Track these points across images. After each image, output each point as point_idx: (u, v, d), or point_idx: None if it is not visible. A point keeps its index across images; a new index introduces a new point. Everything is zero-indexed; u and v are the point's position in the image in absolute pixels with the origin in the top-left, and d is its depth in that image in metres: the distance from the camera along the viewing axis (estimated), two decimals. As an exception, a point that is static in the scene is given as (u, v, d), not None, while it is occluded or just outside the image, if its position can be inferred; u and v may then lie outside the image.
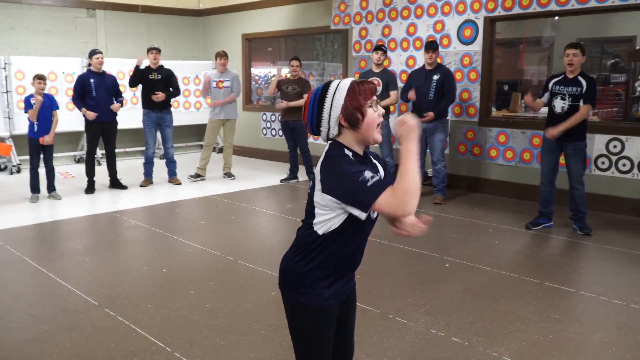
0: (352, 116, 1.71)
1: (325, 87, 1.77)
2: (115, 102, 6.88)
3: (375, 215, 1.77)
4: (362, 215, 1.63)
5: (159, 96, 7.06)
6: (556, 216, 5.45)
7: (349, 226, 1.73)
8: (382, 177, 1.81)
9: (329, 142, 1.78)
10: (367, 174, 1.60)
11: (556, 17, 7.52)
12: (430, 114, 6.27)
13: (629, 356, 2.94)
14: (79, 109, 6.74)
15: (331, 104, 1.73)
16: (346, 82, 1.75)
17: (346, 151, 1.73)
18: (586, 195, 5.25)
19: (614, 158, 5.98)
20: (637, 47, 7.90)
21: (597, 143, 5.99)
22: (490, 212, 6.11)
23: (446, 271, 4.25)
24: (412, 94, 6.42)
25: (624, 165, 5.91)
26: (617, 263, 4.46)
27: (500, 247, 4.90)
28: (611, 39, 8.27)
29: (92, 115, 6.65)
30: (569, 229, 5.32)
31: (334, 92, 1.73)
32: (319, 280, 1.79)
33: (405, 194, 1.56)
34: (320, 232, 1.75)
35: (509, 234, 5.28)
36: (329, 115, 1.73)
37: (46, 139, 6.24)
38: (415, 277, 4.13)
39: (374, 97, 1.75)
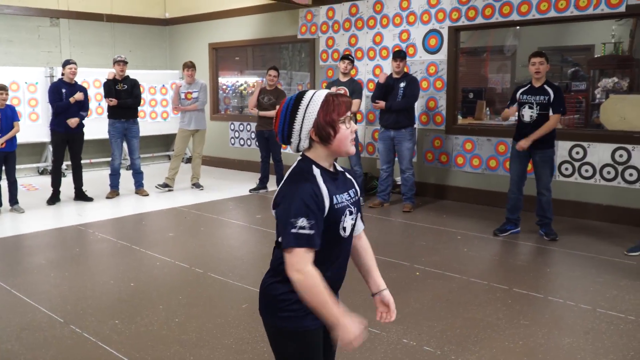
0: (324, 131, 1.66)
1: (299, 97, 1.70)
2: (79, 114, 6.74)
3: (348, 233, 1.74)
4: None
5: (113, 102, 6.97)
6: (522, 222, 5.56)
7: (321, 249, 1.65)
8: (356, 194, 1.79)
9: (300, 155, 1.74)
10: (304, 222, 1.57)
11: (518, 27, 7.69)
12: (381, 103, 6.42)
13: (596, 360, 3.00)
14: (66, 108, 6.59)
15: (303, 117, 1.67)
16: (320, 95, 1.68)
17: (314, 169, 1.68)
18: (552, 201, 5.36)
19: (577, 164, 6.13)
20: (596, 56, 8.12)
21: (560, 149, 6.12)
22: (458, 219, 6.19)
23: (416, 279, 4.27)
24: (380, 104, 6.47)
25: (587, 171, 6.07)
26: (583, 268, 4.55)
27: (469, 254, 4.96)
28: (571, 47, 8.49)
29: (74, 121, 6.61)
30: (536, 235, 5.42)
31: (307, 105, 1.67)
32: (297, 302, 1.67)
33: (302, 286, 1.57)
34: None
35: (477, 240, 5.35)
36: (300, 128, 1.67)
37: None
38: (389, 286, 4.13)
39: (349, 113, 1.70)
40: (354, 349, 3.00)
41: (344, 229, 1.71)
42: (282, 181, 1.70)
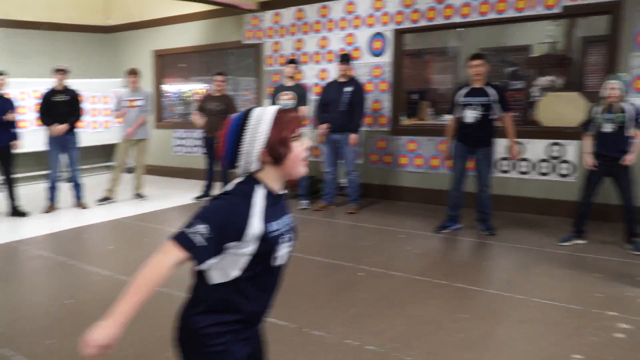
0: (277, 151, 1.55)
1: (246, 116, 1.57)
2: (11, 131, 6.53)
3: (280, 262, 1.65)
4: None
5: (60, 128, 6.76)
6: (463, 218, 5.68)
7: (251, 280, 1.59)
8: (285, 228, 1.66)
9: (243, 176, 1.61)
10: (204, 230, 1.48)
11: (460, 29, 7.87)
12: (353, 137, 6.40)
13: (530, 347, 3.09)
14: None
15: (252, 137, 1.54)
16: (270, 112, 1.57)
17: (257, 194, 1.57)
18: (492, 197, 5.49)
19: (515, 160, 6.29)
20: (533, 55, 8.39)
21: (499, 147, 6.27)
22: (402, 218, 6.28)
23: (360, 280, 4.29)
24: (353, 139, 6.44)
25: (525, 166, 6.25)
26: (519, 260, 4.70)
27: (412, 252, 5.02)
28: (510, 48, 8.73)
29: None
30: (476, 230, 5.55)
31: (256, 123, 1.55)
32: (224, 335, 1.59)
33: (150, 265, 1.53)
34: (216, 279, 1.58)
35: (420, 238, 5.43)
36: (250, 150, 1.55)
37: None
38: (331, 288, 4.15)
39: (301, 129, 1.61)
40: (277, 352, 2.99)
41: (278, 258, 1.63)
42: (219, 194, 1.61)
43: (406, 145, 7.14)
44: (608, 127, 4.77)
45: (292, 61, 6.97)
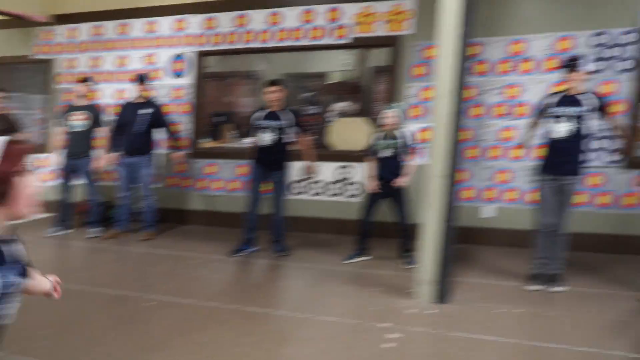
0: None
1: None
2: None
3: (7, 321, 1.46)
4: None
5: None
6: (259, 240, 5.78)
7: None
8: (16, 281, 1.46)
9: None
10: None
11: (261, 53, 8.10)
12: (178, 155, 6.47)
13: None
14: None
15: None
16: None
17: None
18: (287, 219, 5.67)
19: (308, 182, 6.61)
20: (328, 82, 8.97)
21: (294, 169, 6.53)
22: (199, 243, 6.21)
23: (150, 310, 4.11)
24: (113, 159, 6.28)
25: (317, 188, 6.59)
26: (309, 279, 4.90)
27: (206, 277, 4.96)
28: (310, 74, 9.23)
29: None
30: (271, 252, 5.68)
31: None
32: None
33: None
34: None
35: (215, 263, 5.40)
36: None
37: None
38: (113, 322, 3.90)
39: (28, 161, 1.43)
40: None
41: (3, 317, 1.44)
42: None
43: (205, 168, 7.09)
44: (386, 152, 5.24)
45: (85, 79, 6.58)
